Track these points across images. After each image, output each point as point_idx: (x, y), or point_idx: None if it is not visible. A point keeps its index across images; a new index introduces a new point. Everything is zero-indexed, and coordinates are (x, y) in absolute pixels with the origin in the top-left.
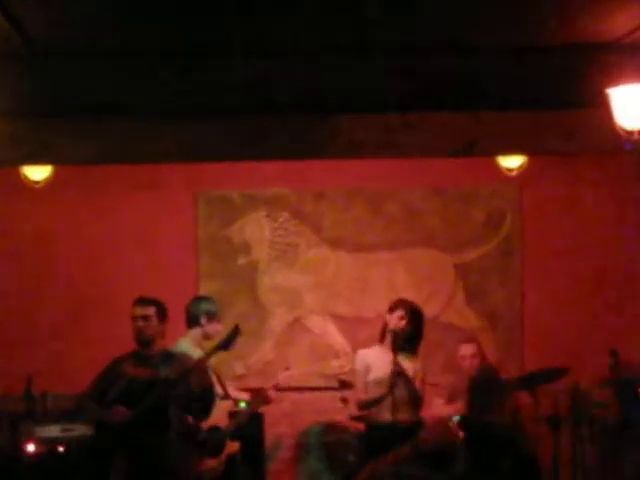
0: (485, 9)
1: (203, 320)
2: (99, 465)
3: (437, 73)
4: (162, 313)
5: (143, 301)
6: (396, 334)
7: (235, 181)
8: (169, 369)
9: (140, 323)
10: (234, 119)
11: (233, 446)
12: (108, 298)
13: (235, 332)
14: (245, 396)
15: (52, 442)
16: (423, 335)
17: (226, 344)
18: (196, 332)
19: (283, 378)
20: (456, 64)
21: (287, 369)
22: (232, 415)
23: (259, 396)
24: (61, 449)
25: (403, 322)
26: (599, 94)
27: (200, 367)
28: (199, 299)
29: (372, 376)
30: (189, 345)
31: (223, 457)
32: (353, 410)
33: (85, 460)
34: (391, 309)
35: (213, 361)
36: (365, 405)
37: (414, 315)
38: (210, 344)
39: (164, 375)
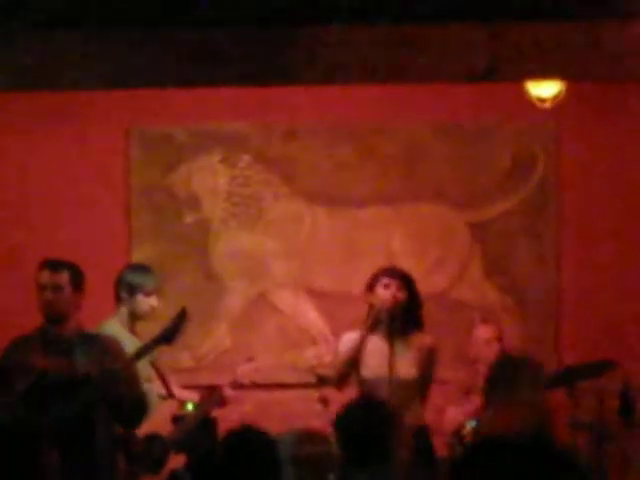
0: None
1: (137, 295)
2: None
3: None
4: (77, 280)
5: (53, 265)
6: (391, 315)
7: (180, 115)
8: (88, 357)
9: (49, 294)
10: (179, 34)
11: (177, 460)
12: (11, 263)
13: (180, 318)
14: (194, 396)
15: None
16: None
17: (169, 335)
18: (127, 311)
19: (244, 372)
20: None
21: (249, 360)
22: (177, 420)
23: (211, 396)
24: None
25: (400, 295)
26: None
27: (132, 365)
28: (131, 268)
29: (366, 372)
30: (117, 327)
31: (164, 474)
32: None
33: None
34: (377, 284)
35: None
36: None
37: (409, 285)
38: (145, 326)
39: (83, 367)
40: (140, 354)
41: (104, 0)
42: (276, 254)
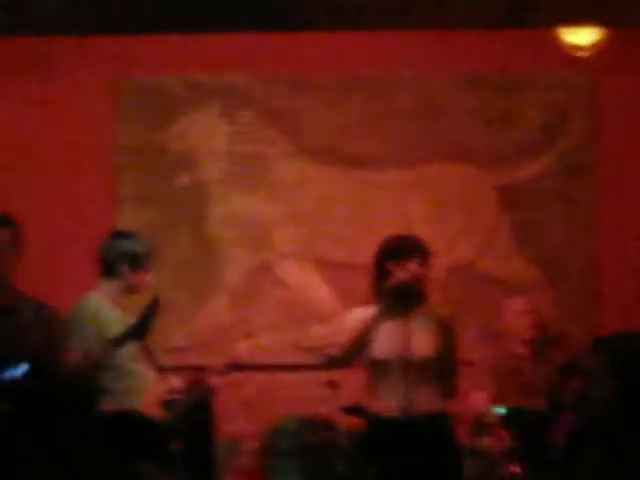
0: None
1: (124, 267)
2: None
3: None
4: (18, 237)
5: (4, 221)
6: (414, 292)
7: (174, 63)
8: (29, 321)
9: (5, 256)
10: None
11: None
12: None
13: (152, 310)
14: (177, 383)
15: None
16: None
17: (139, 332)
18: (113, 285)
19: (244, 351)
20: None
21: (249, 336)
22: (168, 405)
23: (196, 385)
24: None
25: (421, 272)
26: None
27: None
28: (119, 236)
29: (377, 353)
30: (102, 303)
31: None
32: (345, 399)
33: None
34: (403, 256)
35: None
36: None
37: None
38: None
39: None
40: (112, 345)
41: None
42: (281, 220)
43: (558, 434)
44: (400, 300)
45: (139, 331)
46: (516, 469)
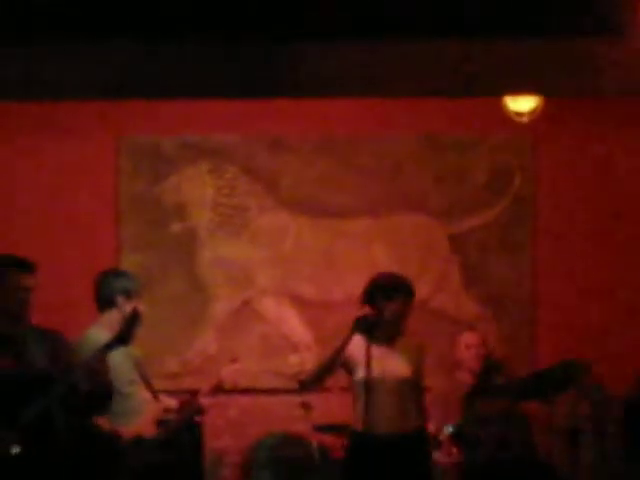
0: None
1: (120, 300)
2: None
3: None
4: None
5: (31, 268)
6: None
7: (168, 126)
8: (42, 354)
9: (23, 295)
10: (165, 44)
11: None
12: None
13: (133, 320)
14: (173, 402)
15: None
16: None
17: (123, 337)
18: (111, 316)
19: (227, 373)
20: None
21: (234, 361)
22: (161, 424)
23: (189, 405)
24: None
25: (405, 309)
26: (632, 20)
27: (95, 364)
28: (114, 274)
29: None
30: (102, 333)
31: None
32: (317, 418)
33: None
34: (390, 295)
35: (136, 354)
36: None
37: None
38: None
39: (40, 366)
40: (101, 353)
41: (99, 14)
42: (261, 263)
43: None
44: (381, 330)
45: (124, 337)
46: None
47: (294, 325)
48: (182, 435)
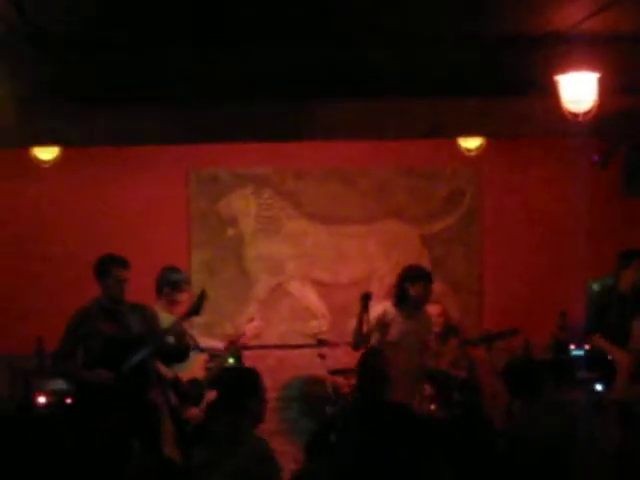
0: (447, 6)
1: (166, 290)
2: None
3: (404, 63)
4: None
5: (127, 264)
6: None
7: (224, 161)
8: (136, 321)
9: (122, 283)
10: (224, 106)
11: (211, 394)
12: None
13: (202, 297)
14: (219, 344)
15: (60, 394)
16: None
17: (196, 309)
18: (163, 299)
19: (249, 329)
20: (421, 55)
21: (252, 320)
22: (208, 369)
23: (230, 347)
24: (68, 400)
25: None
26: (549, 81)
27: (175, 329)
28: (168, 269)
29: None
30: (159, 310)
31: (204, 405)
32: (330, 365)
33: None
34: (414, 280)
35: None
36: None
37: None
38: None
39: (136, 330)
40: (181, 319)
41: (182, 81)
42: (289, 256)
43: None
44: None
45: (196, 310)
46: (433, 406)
47: (313, 300)
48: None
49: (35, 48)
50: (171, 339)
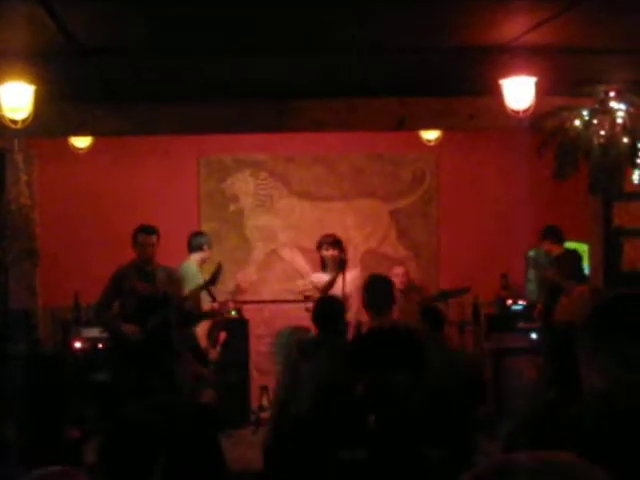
0: (412, 23)
1: (205, 247)
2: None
3: (376, 69)
4: (158, 238)
5: (154, 230)
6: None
7: (228, 149)
8: (163, 281)
9: (150, 247)
10: (228, 103)
11: (222, 336)
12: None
13: (218, 270)
14: (215, 305)
15: (93, 340)
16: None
17: (213, 280)
18: (197, 256)
19: (241, 280)
20: (391, 62)
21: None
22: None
23: (223, 305)
24: (100, 345)
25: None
26: (495, 84)
27: (194, 295)
28: (200, 233)
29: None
30: (195, 266)
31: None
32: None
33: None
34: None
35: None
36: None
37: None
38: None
39: (162, 289)
40: (196, 292)
41: (194, 83)
42: (281, 228)
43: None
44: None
45: (213, 281)
46: None
47: (301, 263)
48: (238, 327)
49: (74, 57)
50: (190, 304)
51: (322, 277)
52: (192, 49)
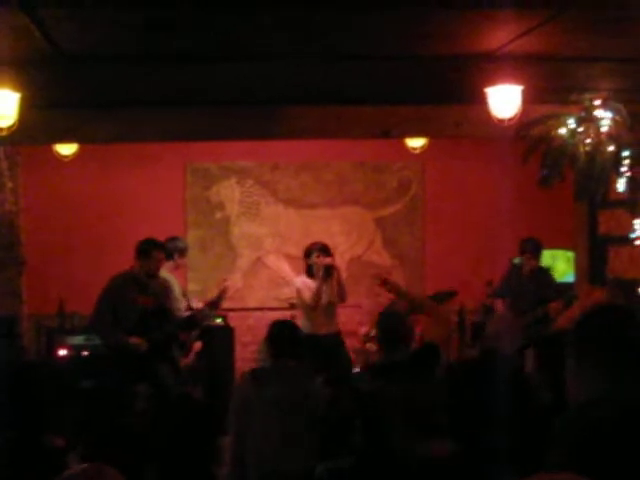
0: (399, 32)
1: (176, 255)
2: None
3: (362, 77)
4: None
5: (164, 248)
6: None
7: (214, 156)
8: (161, 293)
9: (160, 264)
10: (214, 110)
11: (197, 346)
12: (123, 241)
13: (222, 294)
14: (200, 305)
15: (78, 348)
16: None
17: (216, 304)
18: (170, 264)
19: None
20: (377, 71)
21: (225, 280)
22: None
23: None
24: (85, 353)
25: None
26: (481, 92)
27: (201, 316)
28: (174, 239)
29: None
30: (167, 273)
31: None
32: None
33: (102, 362)
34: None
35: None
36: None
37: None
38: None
39: (161, 300)
40: (205, 310)
41: (180, 89)
42: (267, 235)
43: None
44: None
45: (217, 303)
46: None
47: (286, 271)
48: (224, 335)
49: (59, 65)
50: (203, 314)
51: (308, 282)
52: (178, 56)
